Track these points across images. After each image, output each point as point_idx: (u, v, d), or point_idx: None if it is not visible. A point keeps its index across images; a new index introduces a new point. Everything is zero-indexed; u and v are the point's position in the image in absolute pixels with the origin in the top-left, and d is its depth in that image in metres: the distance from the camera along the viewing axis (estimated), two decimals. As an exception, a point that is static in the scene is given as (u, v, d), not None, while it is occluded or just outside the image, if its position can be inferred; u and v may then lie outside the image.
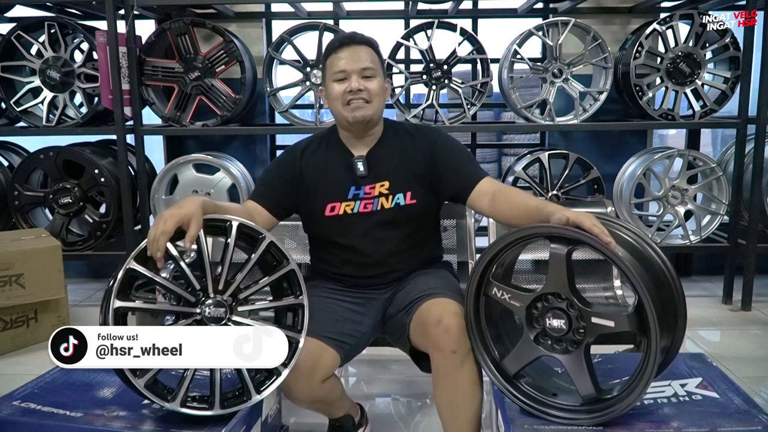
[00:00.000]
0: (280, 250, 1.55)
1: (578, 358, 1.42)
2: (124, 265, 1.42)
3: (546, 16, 3.68)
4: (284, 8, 3.72)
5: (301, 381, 1.60)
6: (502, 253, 1.52)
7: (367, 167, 1.77)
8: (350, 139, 1.81)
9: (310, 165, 1.80)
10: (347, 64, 1.71)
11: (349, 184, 1.77)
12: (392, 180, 1.77)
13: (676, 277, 1.46)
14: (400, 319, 1.74)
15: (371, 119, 1.75)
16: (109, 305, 1.40)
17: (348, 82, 1.71)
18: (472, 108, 3.31)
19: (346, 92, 1.71)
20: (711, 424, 1.39)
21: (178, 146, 3.86)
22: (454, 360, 1.56)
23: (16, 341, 2.80)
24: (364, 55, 1.73)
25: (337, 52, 1.74)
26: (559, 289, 1.43)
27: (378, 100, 1.75)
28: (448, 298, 1.65)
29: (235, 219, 1.52)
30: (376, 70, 1.74)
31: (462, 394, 1.59)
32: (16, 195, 3.36)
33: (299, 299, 1.56)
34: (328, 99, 1.79)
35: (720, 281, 3.44)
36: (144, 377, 1.41)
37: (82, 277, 3.94)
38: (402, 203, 1.76)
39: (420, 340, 1.67)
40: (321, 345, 1.64)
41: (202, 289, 1.48)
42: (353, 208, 1.76)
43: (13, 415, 1.46)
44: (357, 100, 1.71)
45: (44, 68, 3.28)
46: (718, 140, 5.71)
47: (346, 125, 1.77)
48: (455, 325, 1.56)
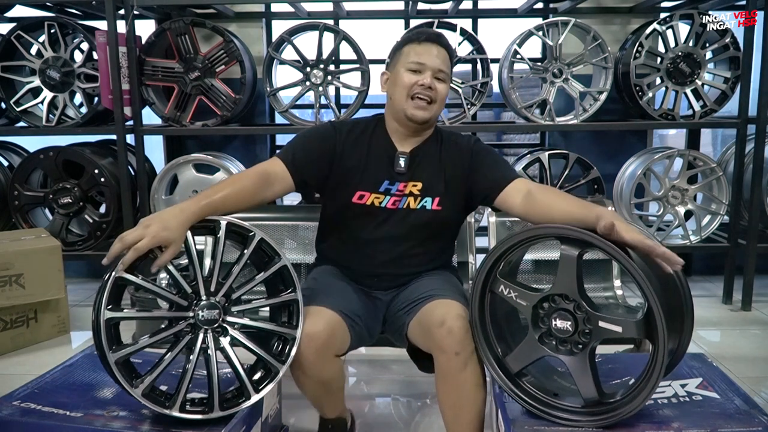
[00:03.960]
0: (271, 247, 1.53)
1: (582, 361, 1.41)
2: (112, 274, 1.40)
3: (546, 16, 3.69)
4: (284, 8, 3.72)
5: (317, 352, 1.55)
6: (510, 251, 1.52)
7: (408, 165, 1.75)
8: (397, 133, 1.78)
9: (353, 148, 1.76)
10: (428, 58, 1.70)
11: (385, 177, 1.75)
12: (426, 182, 1.75)
13: (683, 279, 1.45)
14: (400, 317, 1.74)
15: (428, 121, 1.74)
16: (99, 317, 1.38)
17: (422, 75, 1.69)
18: (472, 108, 3.31)
19: (416, 84, 1.69)
20: (711, 424, 1.38)
21: (178, 146, 3.86)
22: (457, 362, 1.55)
23: (16, 341, 2.80)
24: (443, 57, 1.72)
25: (420, 43, 1.72)
26: (567, 290, 1.42)
27: (440, 105, 1.74)
28: (452, 300, 1.64)
29: (223, 219, 1.50)
30: (447, 75, 1.74)
31: (465, 395, 1.59)
32: (16, 195, 3.35)
33: (293, 294, 1.55)
34: (392, 85, 1.75)
35: (720, 281, 3.44)
36: (140, 386, 1.40)
37: (82, 277, 3.94)
38: (428, 207, 1.75)
39: (423, 341, 1.66)
40: (337, 317, 1.62)
41: (194, 292, 1.46)
42: (381, 202, 1.74)
43: (13, 415, 1.46)
44: (423, 97, 1.69)
45: (44, 68, 3.27)
46: (718, 140, 5.71)
47: (401, 118, 1.74)
48: (458, 326, 1.55)
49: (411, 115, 1.70)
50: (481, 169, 1.75)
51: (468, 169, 1.76)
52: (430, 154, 1.78)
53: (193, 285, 1.46)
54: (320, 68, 3.24)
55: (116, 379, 1.41)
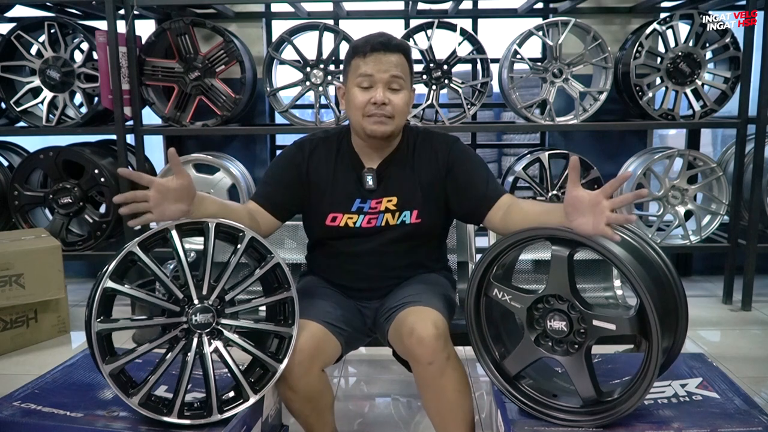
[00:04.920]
0: (263, 246, 1.52)
1: (579, 360, 1.42)
2: (100, 285, 1.38)
3: (546, 16, 3.68)
4: (284, 8, 3.72)
5: (302, 366, 1.52)
6: (503, 254, 1.52)
7: (377, 181, 1.67)
8: (363, 149, 1.69)
9: (318, 168, 1.70)
10: (376, 70, 1.57)
11: (355, 196, 1.68)
12: (401, 196, 1.67)
13: (677, 277, 1.46)
14: (381, 324, 1.70)
15: (391, 135, 1.64)
16: (90, 328, 1.37)
17: (373, 91, 1.58)
18: (472, 108, 3.31)
19: (369, 103, 1.58)
20: (711, 424, 1.38)
21: (178, 146, 3.85)
22: (432, 370, 1.50)
23: (16, 341, 2.80)
24: (394, 63, 1.58)
25: (365, 56, 1.58)
26: (560, 291, 1.43)
27: (401, 117, 1.62)
28: (425, 306, 1.56)
29: (212, 219, 1.48)
30: (404, 81, 1.60)
31: (446, 402, 1.54)
32: (16, 195, 3.36)
33: (288, 293, 1.53)
34: (347, 103, 1.65)
35: (720, 281, 3.44)
36: (137, 396, 1.40)
37: (82, 277, 3.94)
38: (408, 221, 1.68)
39: (400, 350, 1.62)
40: (322, 329, 1.59)
41: (186, 296, 1.45)
42: (356, 222, 1.67)
43: (14, 415, 1.46)
44: (379, 114, 1.58)
45: (44, 68, 3.27)
46: (718, 140, 5.71)
47: (362, 135, 1.65)
48: (428, 335, 1.47)
49: (371, 131, 1.60)
50: (461, 187, 1.66)
51: (445, 173, 1.68)
52: (401, 165, 1.69)
53: (184, 289, 1.45)
54: (320, 68, 3.24)
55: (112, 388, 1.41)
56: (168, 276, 1.44)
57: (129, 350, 1.42)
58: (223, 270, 1.48)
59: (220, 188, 3.36)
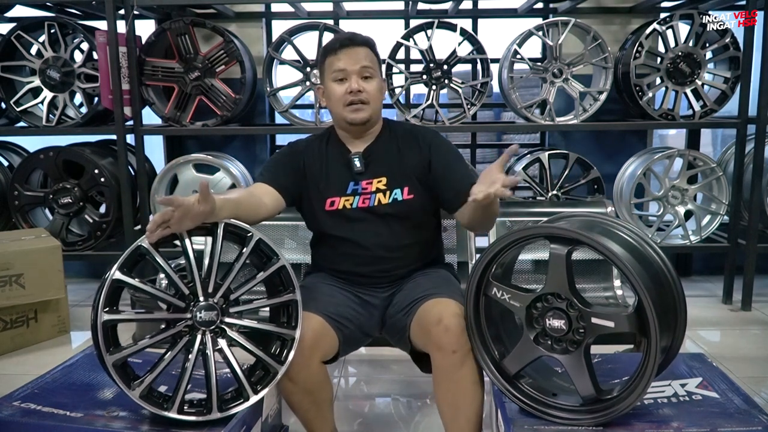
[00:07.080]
0: (269, 247, 1.54)
1: (578, 359, 1.42)
2: (109, 276, 1.41)
3: (546, 16, 3.69)
4: (284, 8, 3.72)
5: (302, 357, 1.58)
6: (501, 254, 1.52)
7: (364, 164, 1.81)
8: (348, 138, 1.85)
9: (312, 162, 1.84)
10: (348, 63, 1.74)
11: (348, 179, 1.81)
12: (389, 176, 1.80)
13: (676, 277, 1.46)
14: (400, 320, 1.74)
15: (369, 120, 1.79)
16: (97, 319, 1.39)
17: (348, 82, 1.75)
18: (472, 108, 3.31)
19: (346, 93, 1.74)
20: (711, 424, 1.39)
21: (178, 146, 3.86)
22: (454, 359, 1.56)
23: (16, 341, 2.80)
24: (362, 55, 1.76)
25: (336, 53, 1.76)
26: (558, 289, 1.43)
27: (376, 102, 1.79)
28: (449, 298, 1.65)
29: (221, 220, 1.50)
30: (374, 69, 1.78)
31: (463, 393, 1.59)
32: (16, 195, 3.36)
33: (292, 295, 1.55)
34: (327, 99, 1.82)
35: (720, 281, 3.44)
36: (138, 388, 1.40)
37: (82, 277, 3.94)
38: (399, 198, 1.79)
39: (420, 341, 1.67)
40: (322, 322, 1.65)
41: (191, 293, 1.46)
42: (352, 203, 1.79)
43: (14, 415, 1.46)
44: (357, 101, 1.74)
45: (44, 68, 3.28)
46: (718, 140, 5.71)
47: (344, 125, 1.81)
48: (455, 324, 1.56)
49: (351, 119, 1.77)
50: (440, 176, 1.78)
51: (427, 165, 1.80)
52: (386, 148, 1.83)
53: (190, 286, 1.46)
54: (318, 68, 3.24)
55: (114, 380, 1.41)
56: (175, 272, 1.45)
57: (132, 343, 1.43)
58: (229, 269, 1.49)
59: (220, 188, 3.36)
